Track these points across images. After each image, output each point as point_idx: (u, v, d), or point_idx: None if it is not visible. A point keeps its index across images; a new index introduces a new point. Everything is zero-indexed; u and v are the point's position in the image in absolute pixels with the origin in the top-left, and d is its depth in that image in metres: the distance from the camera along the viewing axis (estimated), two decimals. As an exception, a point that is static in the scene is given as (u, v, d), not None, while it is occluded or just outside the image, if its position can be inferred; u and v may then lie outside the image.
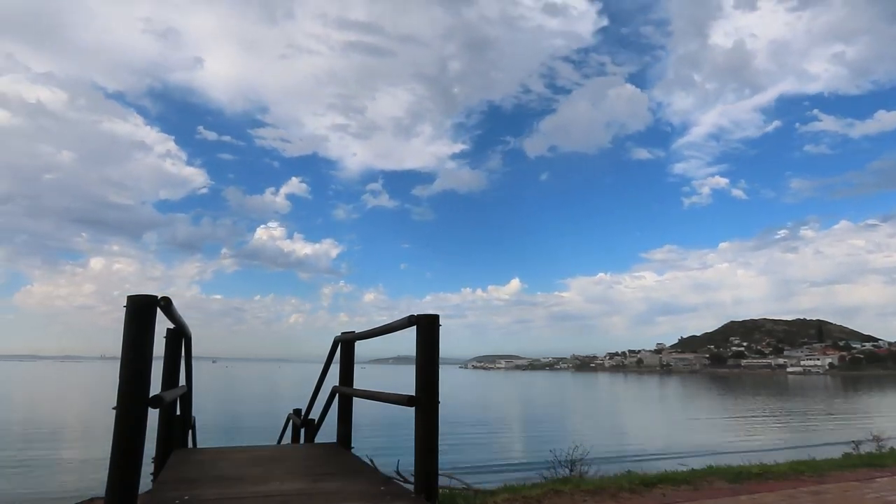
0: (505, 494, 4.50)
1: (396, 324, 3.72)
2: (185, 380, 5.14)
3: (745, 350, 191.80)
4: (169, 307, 3.11)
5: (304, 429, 6.29)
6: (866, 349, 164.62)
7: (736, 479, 5.18)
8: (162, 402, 3.11)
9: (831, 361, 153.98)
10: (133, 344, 2.82)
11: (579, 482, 5.24)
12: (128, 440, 2.75)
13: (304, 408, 6.27)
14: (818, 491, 4.71)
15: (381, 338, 4.40)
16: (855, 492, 4.70)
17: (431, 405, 3.38)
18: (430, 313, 3.47)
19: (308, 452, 4.74)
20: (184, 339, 4.86)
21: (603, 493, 4.56)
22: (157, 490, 3.28)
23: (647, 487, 4.80)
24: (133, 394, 2.79)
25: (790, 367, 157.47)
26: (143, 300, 2.90)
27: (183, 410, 5.38)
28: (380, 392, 4.08)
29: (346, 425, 5.04)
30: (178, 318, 3.61)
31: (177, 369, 4.83)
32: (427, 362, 3.41)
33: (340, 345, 5.21)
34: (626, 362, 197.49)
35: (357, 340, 5.10)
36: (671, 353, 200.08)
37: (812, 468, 5.87)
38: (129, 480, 2.74)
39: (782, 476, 5.38)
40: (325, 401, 5.43)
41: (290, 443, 6.94)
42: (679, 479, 5.14)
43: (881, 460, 6.61)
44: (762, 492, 4.67)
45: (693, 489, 4.78)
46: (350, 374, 5.16)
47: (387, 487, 3.30)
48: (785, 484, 5.00)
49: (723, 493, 4.58)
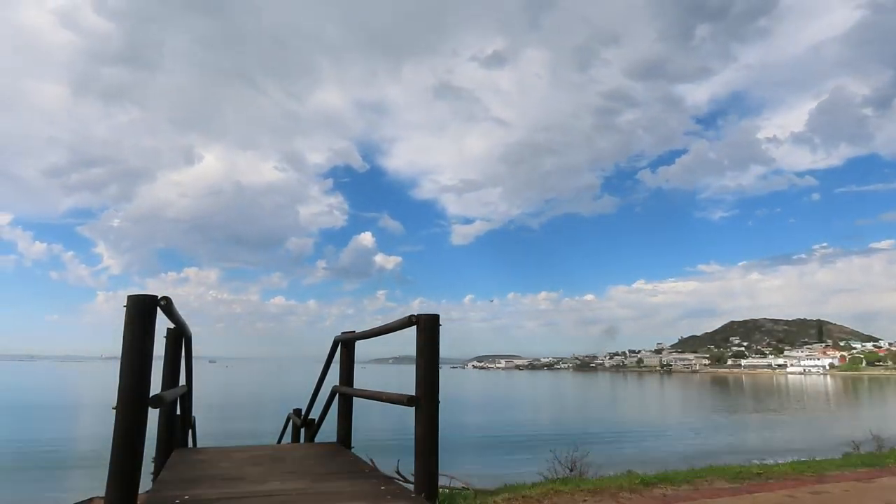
0: (505, 494, 4.50)
1: (396, 324, 3.72)
2: (186, 380, 5.15)
3: (745, 350, 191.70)
4: (169, 307, 3.11)
5: (304, 428, 6.30)
6: (866, 349, 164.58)
7: (736, 479, 5.18)
8: (162, 402, 3.12)
9: (832, 361, 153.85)
10: (133, 344, 2.82)
11: (579, 482, 5.24)
12: (128, 440, 2.75)
13: (304, 407, 6.28)
14: (818, 491, 4.71)
15: (381, 338, 4.40)
16: (855, 492, 4.69)
17: (431, 405, 3.38)
18: (431, 313, 3.48)
19: (308, 452, 4.74)
20: (184, 338, 4.87)
21: (603, 492, 4.56)
22: (157, 489, 3.28)
23: (647, 487, 4.80)
24: (133, 393, 2.79)
25: (790, 367, 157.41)
26: (144, 300, 2.90)
27: (183, 410, 5.38)
28: (380, 392, 4.08)
29: (346, 425, 5.04)
30: (178, 317, 3.61)
31: (177, 369, 4.84)
32: (427, 362, 3.42)
33: (341, 345, 5.21)
34: (626, 362, 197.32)
35: (357, 340, 5.10)
36: (671, 352, 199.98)
37: (812, 468, 5.87)
38: (129, 480, 2.74)
39: (782, 476, 5.38)
40: (326, 400, 5.44)
41: (291, 442, 6.95)
42: (679, 478, 5.14)
43: (881, 460, 6.61)
44: (762, 492, 4.66)
45: (693, 489, 4.78)
46: (350, 373, 5.16)
47: (387, 487, 3.30)
48: (785, 484, 5.00)
49: (723, 493, 4.58)
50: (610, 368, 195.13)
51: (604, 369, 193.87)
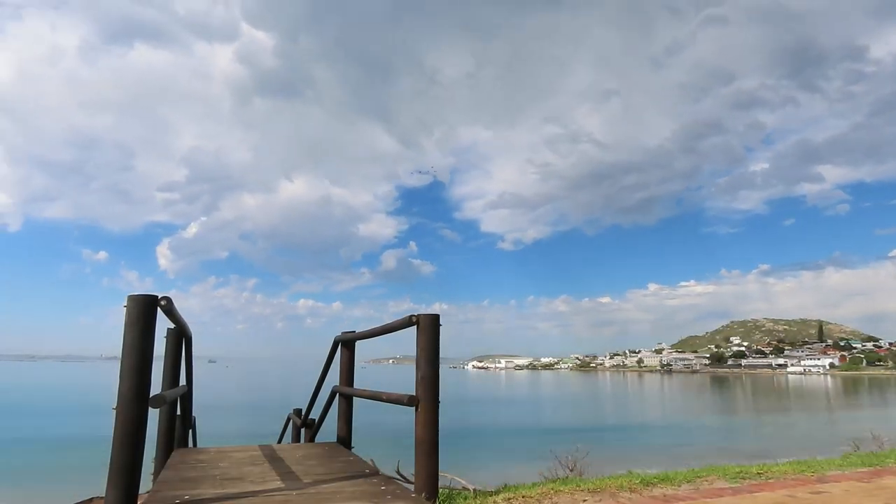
0: (505, 494, 4.50)
1: (397, 324, 3.73)
2: (186, 379, 5.15)
3: (745, 350, 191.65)
4: (170, 307, 3.11)
5: (304, 428, 6.30)
6: (867, 349, 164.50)
7: (736, 479, 5.18)
8: (163, 402, 3.12)
9: (832, 361, 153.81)
10: (134, 344, 2.82)
11: (579, 481, 5.24)
12: (128, 439, 2.75)
13: (305, 407, 6.28)
14: (818, 491, 4.71)
15: (382, 337, 4.41)
16: (855, 492, 4.69)
17: (432, 405, 3.39)
18: (431, 313, 3.48)
19: (308, 452, 4.75)
20: (184, 338, 4.87)
21: (603, 492, 4.56)
22: (158, 489, 3.28)
23: (647, 487, 4.80)
24: (134, 393, 2.79)
25: (790, 366, 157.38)
26: (145, 300, 2.91)
27: (183, 410, 5.39)
28: (380, 392, 4.09)
29: (346, 425, 5.05)
30: (178, 317, 3.61)
31: (177, 369, 4.84)
32: (427, 362, 3.42)
33: (341, 345, 5.21)
34: (626, 362, 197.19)
35: (357, 340, 5.11)
36: (671, 352, 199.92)
37: (812, 468, 5.87)
38: (129, 480, 2.75)
39: (782, 476, 5.37)
40: (326, 401, 5.44)
41: (291, 442, 6.95)
42: (679, 478, 5.13)
43: (881, 460, 6.61)
44: (762, 491, 4.66)
45: (693, 489, 4.77)
46: (350, 373, 5.17)
47: (387, 487, 3.31)
48: (785, 484, 5.00)
49: (723, 493, 4.57)
50: (610, 368, 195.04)
51: (604, 369, 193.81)
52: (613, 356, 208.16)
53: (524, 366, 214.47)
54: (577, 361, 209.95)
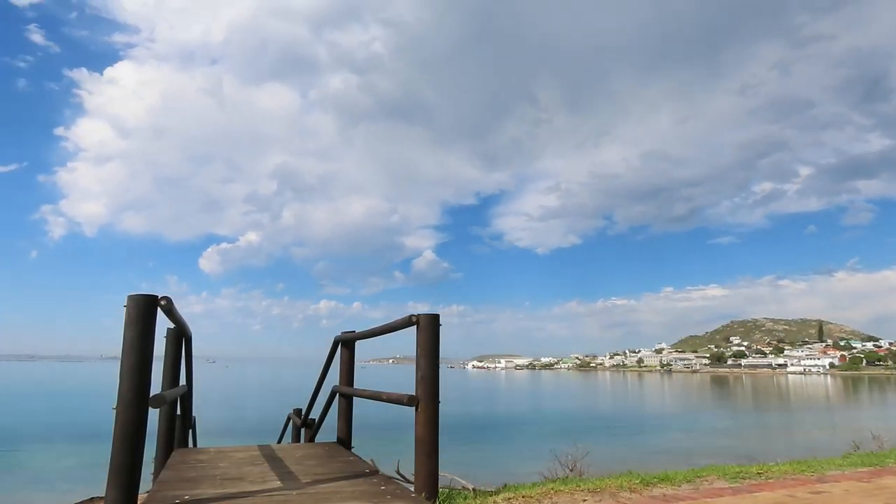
0: (505, 494, 4.50)
1: (397, 323, 3.73)
2: (186, 379, 5.15)
3: (745, 350, 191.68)
4: (170, 307, 3.11)
5: (304, 428, 6.30)
6: (867, 349, 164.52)
7: (736, 479, 5.18)
8: (163, 402, 3.12)
9: (832, 361, 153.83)
10: (134, 344, 2.82)
11: (579, 481, 5.24)
12: (128, 439, 2.75)
13: (305, 407, 6.28)
14: (818, 491, 4.71)
15: (382, 337, 4.41)
16: (855, 492, 4.69)
17: (432, 404, 3.39)
18: (431, 313, 3.48)
19: (308, 452, 4.75)
20: (184, 338, 4.87)
21: (603, 492, 4.56)
22: (158, 489, 3.28)
23: (647, 487, 4.80)
24: (133, 393, 2.79)
25: (790, 366, 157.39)
26: (144, 300, 2.90)
27: (183, 410, 5.39)
28: (380, 392, 4.09)
29: (346, 425, 5.05)
30: (178, 317, 3.61)
31: (177, 369, 4.84)
32: (427, 362, 3.42)
33: (341, 344, 5.21)
34: (626, 362, 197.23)
35: (358, 340, 5.11)
36: (671, 352, 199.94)
37: (812, 468, 5.87)
38: (129, 480, 2.75)
39: (782, 476, 5.37)
40: (326, 400, 5.44)
41: (291, 442, 6.95)
42: (679, 478, 5.13)
43: (881, 460, 6.61)
44: (762, 491, 4.66)
45: (693, 488, 4.77)
46: (351, 373, 5.16)
47: (387, 487, 3.31)
48: (785, 484, 5.00)
49: (723, 493, 4.57)
50: (610, 368, 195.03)
51: (604, 369, 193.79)
52: (613, 356, 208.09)
53: (524, 366, 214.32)
54: (577, 361, 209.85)
